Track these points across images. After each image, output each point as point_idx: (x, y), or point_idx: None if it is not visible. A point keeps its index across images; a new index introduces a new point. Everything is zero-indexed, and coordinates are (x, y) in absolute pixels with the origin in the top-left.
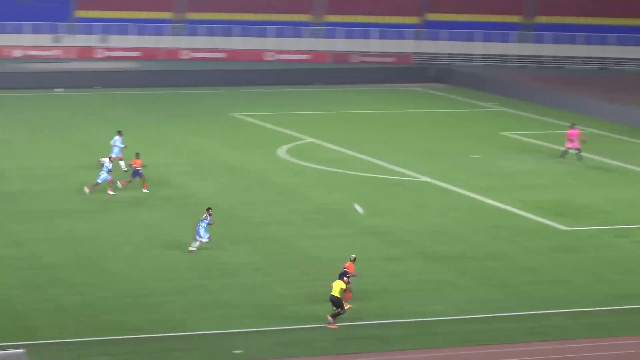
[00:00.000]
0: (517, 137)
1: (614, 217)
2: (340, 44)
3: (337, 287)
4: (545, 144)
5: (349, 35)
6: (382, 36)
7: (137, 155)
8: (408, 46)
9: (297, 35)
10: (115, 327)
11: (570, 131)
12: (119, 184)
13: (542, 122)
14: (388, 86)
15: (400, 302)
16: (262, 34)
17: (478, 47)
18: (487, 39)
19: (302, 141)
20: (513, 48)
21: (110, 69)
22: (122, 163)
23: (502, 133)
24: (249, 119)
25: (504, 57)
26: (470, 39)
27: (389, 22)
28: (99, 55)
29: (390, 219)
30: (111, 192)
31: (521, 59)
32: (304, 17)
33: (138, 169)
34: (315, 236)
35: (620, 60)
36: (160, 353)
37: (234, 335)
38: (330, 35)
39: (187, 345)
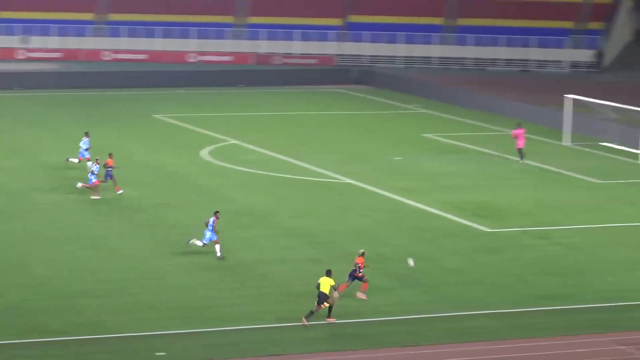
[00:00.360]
0: (440, 138)
1: (535, 219)
2: (262, 46)
3: (327, 284)
4: (467, 145)
5: (271, 37)
6: (305, 38)
7: (110, 156)
8: (330, 48)
9: (220, 36)
10: (39, 330)
11: (515, 131)
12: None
13: (464, 124)
14: (311, 88)
15: None
16: (185, 35)
17: (400, 49)
18: (409, 41)
19: (224, 143)
20: (435, 50)
21: (31, 70)
22: (89, 164)
23: (425, 135)
24: (172, 121)
25: (426, 59)
26: (392, 40)
27: (311, 23)
28: (20, 57)
29: (313, 221)
30: (95, 197)
31: (443, 60)
32: (226, 19)
33: (109, 169)
34: (238, 238)
35: (541, 63)
36: (84, 355)
37: (158, 337)
38: (253, 36)
39: (111, 347)
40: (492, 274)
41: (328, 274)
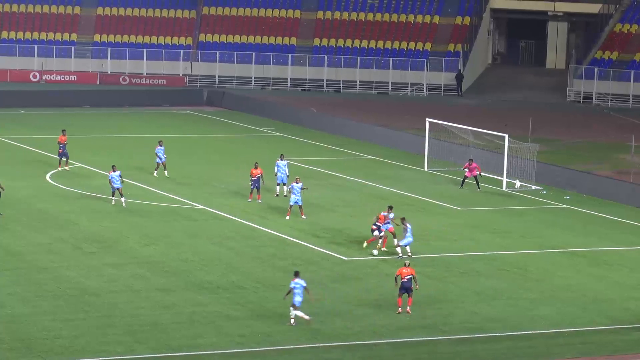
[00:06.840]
0: (295, 163)
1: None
2: (108, 65)
3: None
4: (322, 170)
5: (118, 56)
6: (154, 57)
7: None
8: (180, 68)
9: (64, 55)
10: None
11: (468, 165)
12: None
13: (319, 147)
14: (160, 109)
15: (172, 335)
16: (28, 54)
17: (254, 70)
18: (263, 61)
19: (69, 166)
20: (290, 71)
21: None
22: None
23: None
24: (12, 142)
25: (281, 80)
26: (245, 61)
27: (161, 42)
28: None
29: (163, 248)
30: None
31: (298, 82)
32: (70, 36)
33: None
34: (84, 266)
35: (399, 85)
36: None
37: None
38: (99, 55)
39: None
40: (350, 304)
41: None
